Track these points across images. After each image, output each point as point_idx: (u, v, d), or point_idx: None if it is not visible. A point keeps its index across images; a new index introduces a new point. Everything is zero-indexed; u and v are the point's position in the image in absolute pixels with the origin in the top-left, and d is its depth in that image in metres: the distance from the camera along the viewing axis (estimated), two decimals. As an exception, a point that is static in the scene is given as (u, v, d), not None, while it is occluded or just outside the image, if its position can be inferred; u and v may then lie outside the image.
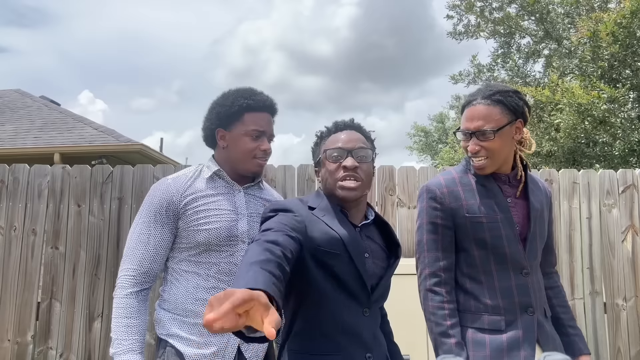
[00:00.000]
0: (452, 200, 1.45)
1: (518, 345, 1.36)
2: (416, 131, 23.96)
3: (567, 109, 7.19)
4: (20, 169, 3.01)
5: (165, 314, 1.46)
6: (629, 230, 3.03)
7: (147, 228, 1.46)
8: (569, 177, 3.08)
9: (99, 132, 8.53)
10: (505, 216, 1.43)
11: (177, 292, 1.46)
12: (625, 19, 6.97)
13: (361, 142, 1.34)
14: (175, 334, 1.43)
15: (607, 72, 7.68)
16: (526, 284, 1.42)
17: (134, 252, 1.45)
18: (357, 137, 1.35)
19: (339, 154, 1.30)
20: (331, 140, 1.35)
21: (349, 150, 1.30)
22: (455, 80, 11.35)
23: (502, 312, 1.39)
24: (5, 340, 2.87)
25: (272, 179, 3.02)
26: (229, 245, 1.47)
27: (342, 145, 1.31)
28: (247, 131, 1.50)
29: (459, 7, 11.05)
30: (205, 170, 1.55)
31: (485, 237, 1.42)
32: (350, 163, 1.28)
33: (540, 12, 10.12)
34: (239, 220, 1.50)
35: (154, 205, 1.47)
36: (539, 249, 1.49)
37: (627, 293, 2.97)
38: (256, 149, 1.51)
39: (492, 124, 1.40)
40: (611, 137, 7.34)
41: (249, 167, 1.53)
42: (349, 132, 1.35)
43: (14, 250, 2.94)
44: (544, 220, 1.51)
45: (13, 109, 9.95)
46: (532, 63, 11.19)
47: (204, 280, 1.45)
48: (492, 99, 1.43)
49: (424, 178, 3.06)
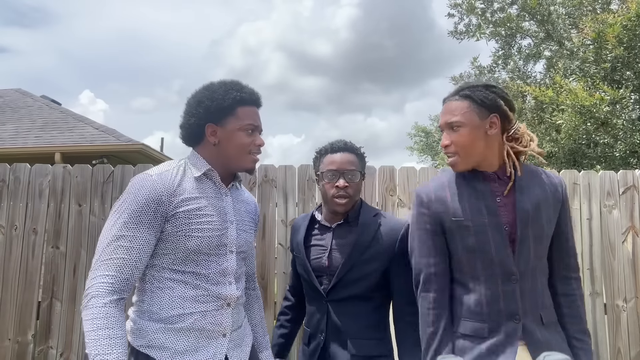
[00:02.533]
0: (439, 205, 1.46)
1: (497, 351, 1.34)
2: (417, 131, 23.93)
3: (569, 110, 7.18)
4: (21, 169, 3.02)
5: (149, 324, 1.33)
6: (630, 231, 3.03)
7: (129, 230, 1.28)
8: (570, 178, 3.08)
9: (100, 132, 8.54)
10: (493, 220, 1.39)
11: (161, 302, 1.33)
12: (631, 22, 6.98)
13: (352, 165, 1.71)
14: (158, 345, 1.30)
15: (609, 73, 7.67)
16: (514, 291, 1.37)
17: (111, 257, 1.26)
18: (348, 159, 1.71)
19: (333, 175, 1.69)
20: (327, 160, 1.73)
21: (341, 173, 1.68)
22: (455, 81, 11.35)
23: (485, 319, 1.37)
24: (6, 339, 2.87)
25: (272, 179, 3.03)
26: (217, 255, 1.38)
27: (336, 167, 1.69)
28: (242, 126, 1.43)
29: (460, 7, 11.05)
30: (191, 168, 1.42)
31: (472, 242, 1.39)
32: (342, 184, 1.67)
33: (541, 14, 10.12)
34: (229, 227, 1.43)
35: (139, 203, 1.29)
36: (532, 252, 1.41)
37: (628, 294, 2.97)
38: (251, 144, 1.45)
39: (457, 117, 1.43)
40: (612, 139, 7.33)
41: (244, 164, 1.46)
42: (342, 155, 1.71)
43: (15, 249, 2.94)
44: (542, 221, 1.43)
45: (14, 109, 9.96)
46: (532, 64, 11.19)
47: (192, 289, 1.34)
48: (460, 95, 1.46)
49: (424, 178, 3.06)
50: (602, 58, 7.54)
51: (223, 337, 1.38)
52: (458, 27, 11.39)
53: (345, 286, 1.64)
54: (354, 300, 1.64)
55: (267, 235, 2.96)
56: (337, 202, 1.67)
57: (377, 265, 1.65)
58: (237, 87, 1.46)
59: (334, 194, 1.67)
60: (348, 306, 1.64)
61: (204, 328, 1.34)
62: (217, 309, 1.37)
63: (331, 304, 1.66)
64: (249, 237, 1.54)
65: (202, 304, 1.35)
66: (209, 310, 1.35)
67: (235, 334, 1.43)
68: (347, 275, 1.64)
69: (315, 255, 1.73)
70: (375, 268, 1.65)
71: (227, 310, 1.40)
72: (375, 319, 1.64)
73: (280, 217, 2.99)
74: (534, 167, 1.55)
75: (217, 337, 1.36)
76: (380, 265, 1.65)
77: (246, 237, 1.51)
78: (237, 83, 1.48)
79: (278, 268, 2.96)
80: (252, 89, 1.50)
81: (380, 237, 1.66)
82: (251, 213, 1.61)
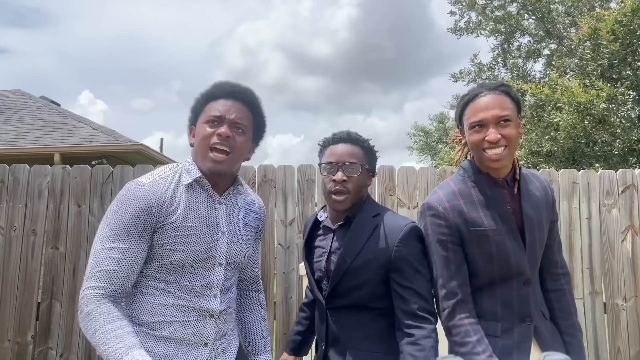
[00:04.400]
0: (456, 215, 1.39)
1: (510, 353, 1.34)
2: (416, 131, 23.95)
3: (566, 108, 7.19)
4: (21, 169, 3.02)
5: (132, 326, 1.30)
6: (629, 230, 3.03)
7: (120, 241, 1.24)
8: (569, 177, 3.08)
9: (99, 133, 8.53)
10: (509, 227, 1.39)
11: (142, 307, 1.31)
12: (626, 17, 6.96)
13: (353, 157, 1.50)
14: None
15: (607, 70, 7.67)
16: (527, 295, 1.40)
17: (102, 269, 1.23)
18: (350, 151, 1.50)
19: (331, 167, 1.50)
20: (328, 152, 1.53)
21: (340, 165, 1.48)
22: (455, 78, 11.35)
23: (498, 318, 1.38)
24: (6, 340, 2.87)
25: (272, 179, 3.03)
26: (204, 268, 1.33)
27: (335, 159, 1.49)
28: (205, 118, 1.35)
29: (461, 3, 11.05)
30: (184, 175, 1.36)
31: (492, 250, 1.38)
32: (339, 177, 1.47)
33: (541, 11, 10.12)
34: (219, 239, 1.36)
35: (129, 214, 1.26)
36: (538, 255, 1.45)
37: (627, 293, 2.97)
38: (212, 136, 1.32)
39: (508, 111, 1.36)
40: (611, 137, 7.33)
41: (206, 162, 1.33)
42: (343, 146, 1.51)
43: (14, 250, 2.94)
44: (543, 224, 1.46)
45: (13, 109, 9.96)
46: (532, 62, 11.20)
47: (174, 298, 1.30)
48: (499, 90, 1.39)
49: (423, 178, 3.06)
50: (599, 55, 7.54)
51: (204, 347, 1.35)
52: (458, 25, 11.41)
53: (342, 294, 1.47)
54: (352, 309, 1.46)
55: (266, 235, 2.96)
56: (334, 199, 1.48)
57: (372, 273, 1.42)
58: (215, 84, 1.41)
59: (331, 189, 1.48)
60: (346, 315, 1.47)
61: (184, 338, 1.31)
62: (198, 319, 1.33)
63: (330, 312, 1.50)
64: (242, 248, 1.45)
65: (183, 314, 1.31)
66: (190, 320, 1.32)
67: (218, 342, 1.40)
68: (341, 283, 1.45)
69: (316, 258, 1.58)
70: (370, 275, 1.42)
71: (210, 321, 1.35)
72: (378, 328, 1.44)
73: (279, 217, 2.99)
74: (525, 170, 1.55)
75: (197, 346, 1.34)
76: (376, 273, 1.42)
77: (239, 248, 1.43)
78: (220, 81, 1.43)
79: (278, 268, 2.96)
80: (229, 83, 1.41)
81: (376, 241, 1.44)
82: (251, 221, 1.51)
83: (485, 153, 1.37)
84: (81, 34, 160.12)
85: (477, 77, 11.24)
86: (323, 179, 1.53)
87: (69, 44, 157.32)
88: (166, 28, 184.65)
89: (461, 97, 1.48)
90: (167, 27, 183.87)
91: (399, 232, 1.42)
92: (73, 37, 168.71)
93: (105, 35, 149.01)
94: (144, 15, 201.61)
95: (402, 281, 1.39)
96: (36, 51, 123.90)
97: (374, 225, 1.47)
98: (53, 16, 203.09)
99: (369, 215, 1.50)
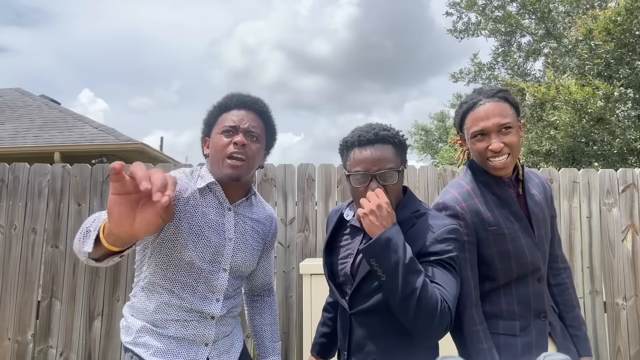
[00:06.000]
0: (473, 215, 1.38)
1: (531, 351, 1.36)
2: (417, 130, 23.96)
3: (563, 107, 7.19)
4: (21, 168, 3.01)
5: (135, 321, 1.36)
6: (629, 229, 3.03)
7: None
8: (569, 176, 3.08)
9: (99, 131, 8.53)
10: (522, 224, 1.40)
11: (148, 304, 1.35)
12: (621, 16, 6.95)
13: (386, 161, 1.28)
14: (142, 342, 1.33)
15: (604, 70, 7.67)
16: (541, 291, 1.42)
17: None
18: (381, 155, 1.29)
19: (362, 178, 1.28)
20: (355, 157, 1.30)
21: (373, 175, 1.27)
22: (455, 78, 11.36)
23: (516, 317, 1.39)
24: (6, 339, 2.88)
25: (272, 178, 3.02)
26: (210, 272, 1.36)
27: (365, 168, 1.28)
28: (220, 128, 1.39)
29: (459, 5, 11.06)
30: (199, 180, 1.41)
31: (509, 249, 1.39)
32: (374, 188, 1.26)
33: (541, 11, 10.12)
34: (225, 245, 1.40)
35: None
36: (547, 251, 1.48)
37: (627, 292, 2.97)
38: (228, 145, 1.36)
39: (508, 118, 1.36)
40: (609, 135, 7.34)
41: (223, 169, 1.36)
42: (373, 150, 1.29)
43: (14, 249, 2.94)
44: (547, 221, 1.49)
45: (13, 108, 9.95)
46: (532, 62, 11.20)
47: (177, 299, 1.34)
48: (498, 96, 1.39)
49: (424, 177, 3.06)
50: (595, 54, 7.54)
51: (205, 346, 1.38)
52: (457, 26, 11.41)
53: (366, 295, 1.31)
54: (377, 315, 1.31)
55: (266, 234, 2.96)
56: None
57: None
58: (226, 96, 1.45)
59: None
60: (371, 322, 1.32)
61: (185, 337, 1.35)
62: (199, 320, 1.37)
63: (355, 318, 1.35)
64: (247, 257, 1.46)
65: (186, 313, 1.35)
66: (191, 320, 1.36)
67: (220, 342, 1.43)
68: (365, 281, 1.31)
69: (341, 259, 1.42)
70: None
71: (211, 322, 1.39)
72: (407, 341, 1.28)
73: (279, 216, 2.99)
74: (525, 168, 1.56)
75: (199, 345, 1.37)
76: None
77: (244, 256, 1.45)
78: (232, 93, 1.47)
79: (278, 267, 2.96)
80: (240, 94, 1.45)
81: (411, 239, 1.27)
82: (259, 232, 1.53)
83: (490, 162, 1.38)
84: (81, 33, 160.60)
85: (477, 77, 11.25)
86: (353, 186, 1.31)
87: (69, 43, 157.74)
88: (166, 27, 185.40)
89: (459, 105, 1.48)
90: (167, 26, 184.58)
91: (437, 229, 1.27)
92: (73, 35, 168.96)
93: (105, 34, 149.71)
94: (144, 14, 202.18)
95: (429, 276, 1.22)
96: (36, 50, 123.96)
97: (412, 224, 1.31)
98: (53, 15, 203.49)
99: (407, 212, 1.33)
